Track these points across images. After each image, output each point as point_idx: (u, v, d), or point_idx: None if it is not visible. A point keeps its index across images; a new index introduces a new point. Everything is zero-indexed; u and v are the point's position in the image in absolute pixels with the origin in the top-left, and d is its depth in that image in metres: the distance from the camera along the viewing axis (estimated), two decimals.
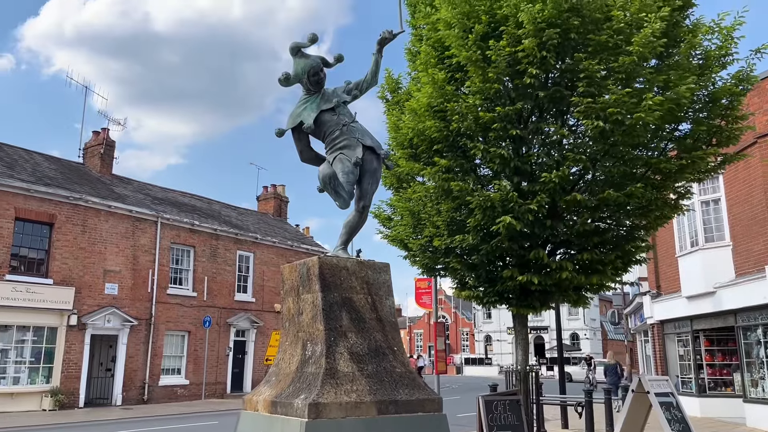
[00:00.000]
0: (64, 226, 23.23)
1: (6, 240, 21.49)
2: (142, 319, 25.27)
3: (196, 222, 27.83)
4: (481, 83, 8.78)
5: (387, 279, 5.49)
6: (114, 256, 24.66)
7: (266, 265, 31.00)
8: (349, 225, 5.87)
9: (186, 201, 30.97)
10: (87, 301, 23.54)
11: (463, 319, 78.93)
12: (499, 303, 10.48)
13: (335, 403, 4.40)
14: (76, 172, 26.83)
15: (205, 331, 27.27)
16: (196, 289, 27.61)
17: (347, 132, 5.82)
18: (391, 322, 5.37)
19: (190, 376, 26.97)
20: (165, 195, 30.14)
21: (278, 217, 36.68)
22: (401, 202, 10.88)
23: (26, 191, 22.12)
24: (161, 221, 26.32)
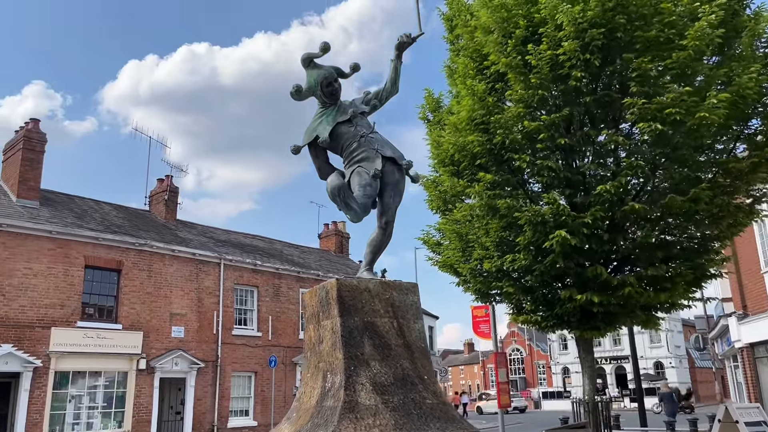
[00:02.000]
0: (131, 272, 23.81)
1: (77, 288, 22.15)
2: (208, 361, 25.40)
3: (258, 262, 28.03)
4: (523, 90, 8.28)
5: (415, 301, 4.99)
6: (179, 299, 25.03)
7: None
8: (372, 243, 5.43)
9: (248, 242, 31.34)
10: (155, 344, 23.89)
11: (538, 351, 76.18)
12: (559, 327, 9.73)
13: None
14: (142, 219, 27.65)
15: (272, 371, 27.13)
16: (261, 329, 27.64)
17: (365, 143, 5.42)
18: (421, 348, 4.84)
19: (258, 417, 26.79)
20: (228, 237, 30.61)
21: (340, 253, 36.60)
22: (448, 224, 10.38)
23: (95, 240, 22.84)
24: (224, 263, 26.62)
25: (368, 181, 5.19)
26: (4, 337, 20.52)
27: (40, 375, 21.22)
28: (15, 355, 20.53)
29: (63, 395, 21.49)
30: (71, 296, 22.14)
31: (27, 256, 21.48)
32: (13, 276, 21.02)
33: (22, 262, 21.23)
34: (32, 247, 21.74)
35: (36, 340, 21.23)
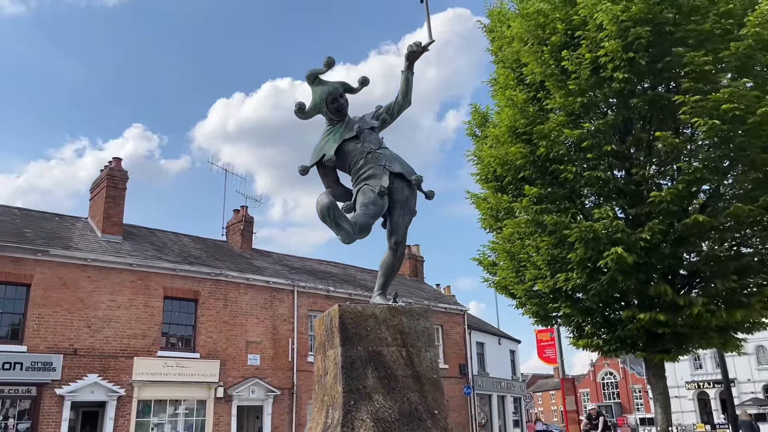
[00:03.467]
0: (207, 301, 24.42)
1: (157, 318, 22.91)
2: (284, 389, 25.54)
3: (331, 288, 28.11)
4: (563, 98, 7.73)
5: (427, 327, 4.60)
6: (254, 327, 25.41)
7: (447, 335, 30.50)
8: (384, 266, 5.09)
9: (322, 268, 31.56)
10: (231, 372, 24.28)
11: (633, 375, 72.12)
12: (623, 351, 8.93)
13: None
14: (219, 249, 28.43)
15: None
16: None
17: (372, 160, 5.12)
18: (432, 380, 4.43)
19: None
20: (302, 264, 30.95)
21: (414, 277, 36.21)
22: (500, 243, 9.84)
23: (173, 271, 23.63)
24: (297, 289, 26.87)
25: (372, 199, 4.88)
26: (90, 367, 21.44)
27: (124, 403, 21.99)
28: (100, 384, 21.40)
29: (146, 423, 22.14)
30: (152, 326, 22.93)
31: (110, 289, 22.46)
32: (98, 308, 22.01)
33: (106, 294, 22.21)
34: (115, 279, 22.73)
35: (120, 370, 22.05)
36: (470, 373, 32.70)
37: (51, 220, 25.14)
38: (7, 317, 20.66)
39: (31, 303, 20.77)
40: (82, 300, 21.76)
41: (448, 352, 32.01)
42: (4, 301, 20.64)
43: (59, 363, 20.83)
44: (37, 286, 20.98)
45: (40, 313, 20.92)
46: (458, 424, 31.31)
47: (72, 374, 21.06)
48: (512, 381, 36.02)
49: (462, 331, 32.96)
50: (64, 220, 25.64)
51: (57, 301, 21.24)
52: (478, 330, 35.36)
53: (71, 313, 21.44)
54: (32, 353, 20.38)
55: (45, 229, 23.64)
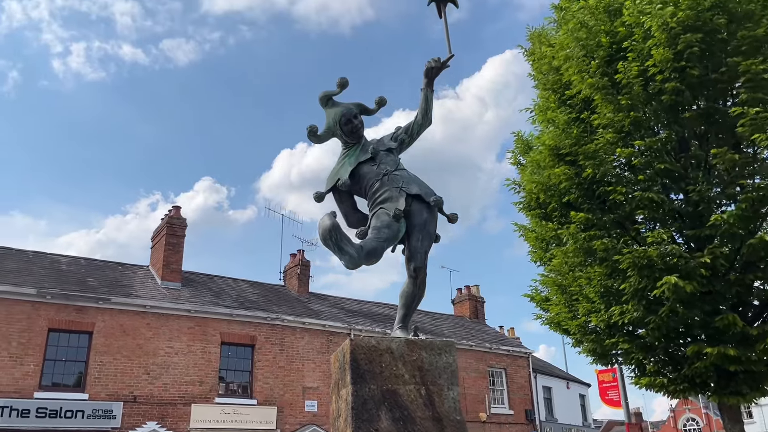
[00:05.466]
0: (263, 347, 24.33)
1: (214, 364, 22.94)
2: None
3: (387, 331, 27.50)
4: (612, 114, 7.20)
5: (450, 363, 4.14)
6: (311, 373, 25.07)
7: (465, 371, 29.37)
8: (404, 296, 4.69)
9: (380, 311, 31.11)
10: (289, 419, 23.92)
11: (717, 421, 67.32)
12: (691, 392, 8.06)
13: None
14: (276, 293, 28.49)
15: None
16: None
17: (389, 182, 4.78)
18: (455, 422, 3.95)
19: None
20: (359, 307, 30.62)
21: (475, 318, 35.22)
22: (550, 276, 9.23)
23: (230, 316, 23.72)
24: (354, 333, 26.45)
25: (386, 223, 4.52)
26: (149, 414, 21.55)
27: None
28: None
29: None
30: (209, 373, 22.95)
31: (169, 335, 22.71)
32: (157, 355, 22.23)
33: (165, 341, 22.45)
34: (173, 326, 22.99)
35: (178, 417, 22.06)
36: (537, 418, 31.15)
37: (114, 269, 25.85)
38: (71, 365, 21.10)
39: (93, 350, 21.18)
40: (141, 347, 22.05)
41: (512, 396, 30.68)
42: (68, 350, 21.13)
43: (119, 411, 21.03)
44: (98, 334, 21.42)
45: (102, 360, 21.28)
46: None
47: (132, 422, 21.20)
48: (583, 427, 34.11)
49: (527, 375, 31.60)
50: (126, 269, 26.33)
51: (118, 348, 21.60)
52: (545, 374, 33.86)
53: (131, 360, 21.73)
54: (93, 401, 20.66)
55: (108, 277, 24.29)
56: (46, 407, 19.77)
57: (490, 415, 29.26)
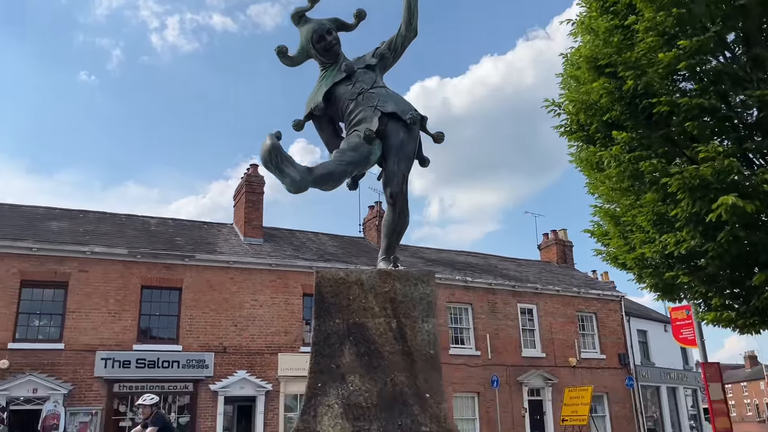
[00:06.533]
0: None
1: (297, 315, 23.59)
2: None
3: (469, 278, 27.21)
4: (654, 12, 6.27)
5: (427, 294, 3.76)
6: None
7: (553, 317, 28.63)
8: (385, 226, 4.32)
9: (461, 259, 30.73)
10: None
11: None
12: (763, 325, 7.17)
13: None
14: (355, 246, 28.74)
15: (494, 391, 25.86)
16: (479, 348, 26.62)
17: (363, 101, 4.34)
18: (428, 356, 3.60)
19: None
20: (438, 256, 30.37)
21: (563, 263, 34.06)
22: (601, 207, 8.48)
23: (310, 269, 24.17)
24: None
25: (353, 145, 4.11)
26: (238, 364, 22.57)
27: (272, 398, 22.87)
28: (249, 380, 22.44)
29: (294, 417, 22.81)
30: (293, 323, 23.64)
31: (253, 289, 23.50)
32: (243, 308, 23.11)
33: (249, 294, 23.25)
34: (257, 280, 23.75)
35: (266, 366, 22.98)
36: (632, 362, 29.99)
37: (200, 228, 26.95)
38: (164, 319, 22.38)
39: (183, 305, 22.30)
40: (228, 300, 22.98)
41: (604, 341, 29.64)
42: (160, 305, 22.39)
43: (211, 360, 22.17)
44: (187, 289, 22.49)
45: (192, 314, 22.40)
46: (622, 418, 28.83)
47: (223, 371, 22.31)
48: (685, 372, 32.53)
49: (619, 319, 30.35)
50: (211, 227, 27.36)
51: (205, 302, 22.62)
52: (640, 317, 32.39)
53: (219, 313, 22.73)
54: (187, 352, 21.88)
55: (194, 236, 25.36)
56: (144, 358, 21.15)
57: (580, 360, 28.47)
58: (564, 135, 7.87)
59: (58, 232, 22.37)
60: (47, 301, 20.72)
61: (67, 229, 22.93)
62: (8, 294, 19.90)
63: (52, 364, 19.81)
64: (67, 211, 25.22)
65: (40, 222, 23.09)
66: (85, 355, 20.36)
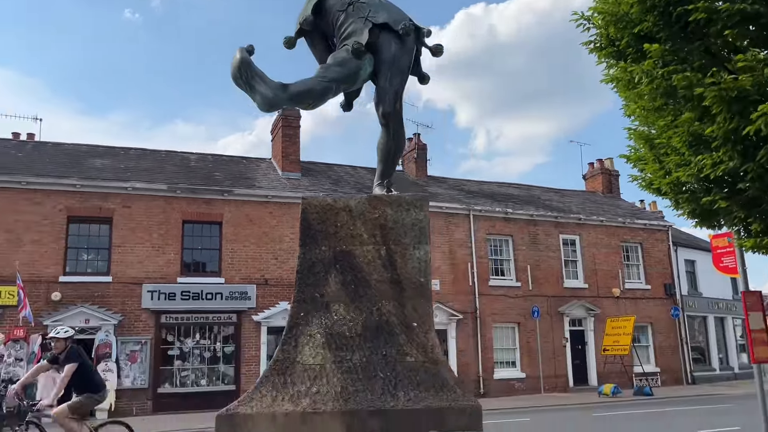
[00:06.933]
0: None
1: None
2: (467, 313, 25.20)
3: (509, 210, 26.78)
4: None
5: (419, 219, 3.52)
6: (432, 253, 25.19)
7: (596, 247, 28.08)
8: (379, 149, 4.05)
9: (502, 191, 30.21)
10: None
11: None
12: None
13: (266, 414, 2.78)
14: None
15: (535, 321, 25.83)
16: (520, 279, 26.45)
17: (354, 12, 3.99)
18: (417, 284, 3.40)
19: (526, 369, 25.82)
20: (479, 188, 29.91)
21: (609, 193, 33.13)
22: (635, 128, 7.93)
23: None
24: (473, 214, 26.01)
25: (340, 60, 3.79)
26: (280, 295, 23.04)
27: None
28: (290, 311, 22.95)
29: None
30: None
31: (292, 223, 23.67)
32: (283, 241, 23.38)
33: (288, 228, 23.46)
34: (295, 214, 23.84)
35: None
36: (678, 293, 29.40)
37: (239, 163, 27.10)
38: (206, 253, 22.89)
39: (224, 239, 22.71)
40: (267, 234, 23.28)
41: (649, 271, 29.04)
42: (202, 239, 22.86)
43: (253, 292, 22.71)
44: (227, 224, 22.84)
45: (233, 248, 22.82)
46: (666, 347, 28.53)
47: (265, 302, 22.86)
48: (734, 301, 31.73)
49: (666, 249, 29.58)
50: (250, 162, 27.48)
51: (245, 236, 22.97)
52: (688, 247, 31.50)
53: (259, 246, 23.08)
54: (229, 284, 22.43)
55: (232, 171, 25.54)
56: (189, 290, 21.79)
57: (624, 291, 28.05)
58: (593, 52, 7.30)
59: (101, 169, 22.84)
60: (93, 236, 21.39)
61: (109, 166, 23.38)
62: (56, 230, 20.59)
63: (101, 296, 20.62)
64: (110, 148, 25.66)
65: (83, 159, 23.59)
66: (132, 288, 21.09)
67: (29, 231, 20.24)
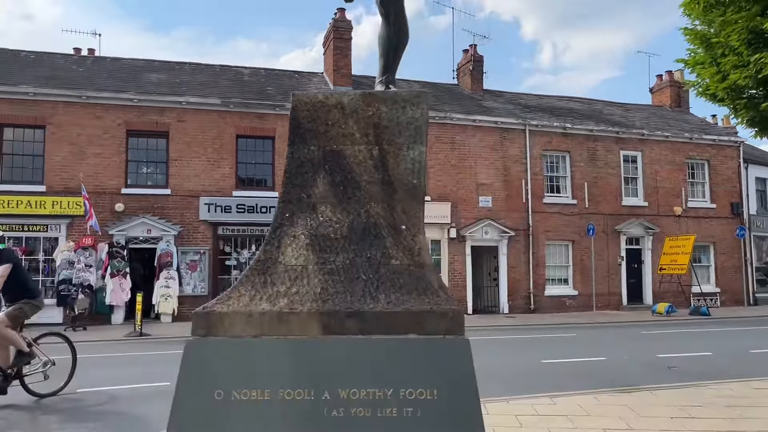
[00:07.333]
0: (434, 145, 24.29)
1: None
2: (519, 230, 24.91)
3: (568, 125, 25.75)
4: None
5: (416, 118, 3.30)
6: (485, 170, 24.75)
7: (659, 164, 26.88)
8: (381, 43, 3.79)
9: (562, 105, 28.99)
10: (464, 214, 24.34)
11: None
12: None
13: (242, 313, 2.75)
14: (447, 92, 27.74)
15: (590, 239, 25.32)
16: (576, 196, 25.76)
17: None
18: (409, 186, 3.22)
19: (578, 287, 25.58)
20: (538, 102, 28.79)
21: (677, 107, 31.30)
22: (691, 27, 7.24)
23: None
24: (529, 129, 25.19)
25: None
26: None
27: None
28: None
29: None
30: None
31: None
32: None
33: None
34: None
35: None
36: (746, 212, 28.06)
37: (291, 77, 26.90)
38: (260, 167, 23.19)
39: (277, 154, 22.88)
40: None
41: (715, 189, 27.71)
42: (255, 153, 23.12)
43: None
44: (280, 138, 22.93)
45: None
46: (729, 268, 27.58)
47: None
48: None
49: (735, 166, 28.02)
50: (302, 77, 27.23)
51: None
52: (760, 164, 29.74)
53: None
54: None
55: (284, 85, 25.40)
56: (243, 203, 22.30)
57: (686, 209, 26.97)
58: None
59: (158, 84, 23.12)
60: (152, 150, 21.97)
61: (165, 80, 23.63)
62: (116, 143, 21.22)
63: (161, 207, 21.37)
64: (165, 62, 25.85)
65: (140, 74, 23.91)
66: (189, 200, 21.73)
67: (92, 144, 20.93)
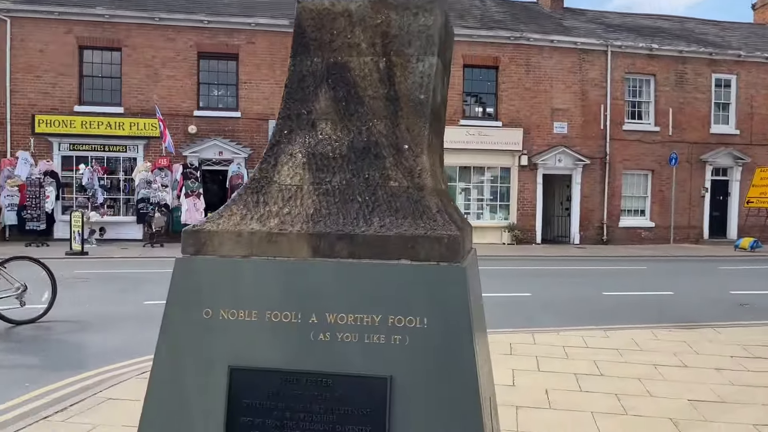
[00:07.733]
0: (507, 68, 23.29)
1: (457, 87, 22.85)
2: (595, 158, 23.85)
3: (654, 45, 23.94)
4: None
5: (428, 26, 2.96)
6: (561, 94, 23.59)
7: (755, 88, 24.75)
8: None
9: (649, 23, 26.90)
10: (536, 141, 23.49)
11: None
12: None
13: (232, 232, 2.62)
14: (525, 11, 26.26)
15: (672, 169, 23.96)
16: (659, 123, 24.25)
17: None
18: (416, 101, 2.92)
19: (656, 219, 24.48)
20: (622, 21, 26.82)
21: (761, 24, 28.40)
22: None
23: (469, 38, 22.76)
24: (611, 50, 23.61)
25: None
26: None
27: None
28: None
29: (452, 188, 23.33)
30: (452, 96, 23.04)
31: None
32: None
33: None
34: None
35: None
36: None
37: None
38: None
39: None
40: None
41: None
42: None
43: None
44: None
45: None
46: None
47: None
48: None
49: None
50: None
51: None
52: None
53: None
54: None
55: None
56: None
57: None
58: None
59: (228, 4, 23.02)
60: (222, 72, 22.15)
61: (235, 1, 23.48)
62: (188, 65, 21.51)
63: (232, 130, 21.74)
64: None
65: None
66: (258, 123, 21.97)
67: (165, 67, 21.31)
